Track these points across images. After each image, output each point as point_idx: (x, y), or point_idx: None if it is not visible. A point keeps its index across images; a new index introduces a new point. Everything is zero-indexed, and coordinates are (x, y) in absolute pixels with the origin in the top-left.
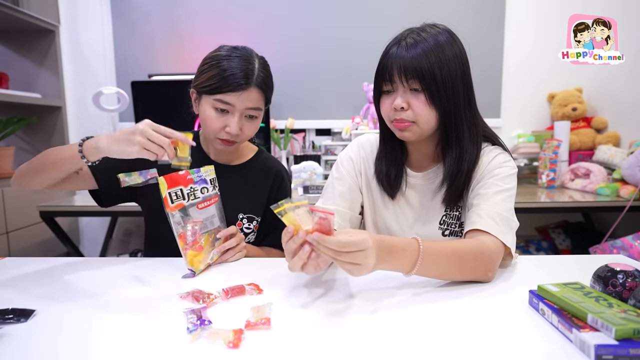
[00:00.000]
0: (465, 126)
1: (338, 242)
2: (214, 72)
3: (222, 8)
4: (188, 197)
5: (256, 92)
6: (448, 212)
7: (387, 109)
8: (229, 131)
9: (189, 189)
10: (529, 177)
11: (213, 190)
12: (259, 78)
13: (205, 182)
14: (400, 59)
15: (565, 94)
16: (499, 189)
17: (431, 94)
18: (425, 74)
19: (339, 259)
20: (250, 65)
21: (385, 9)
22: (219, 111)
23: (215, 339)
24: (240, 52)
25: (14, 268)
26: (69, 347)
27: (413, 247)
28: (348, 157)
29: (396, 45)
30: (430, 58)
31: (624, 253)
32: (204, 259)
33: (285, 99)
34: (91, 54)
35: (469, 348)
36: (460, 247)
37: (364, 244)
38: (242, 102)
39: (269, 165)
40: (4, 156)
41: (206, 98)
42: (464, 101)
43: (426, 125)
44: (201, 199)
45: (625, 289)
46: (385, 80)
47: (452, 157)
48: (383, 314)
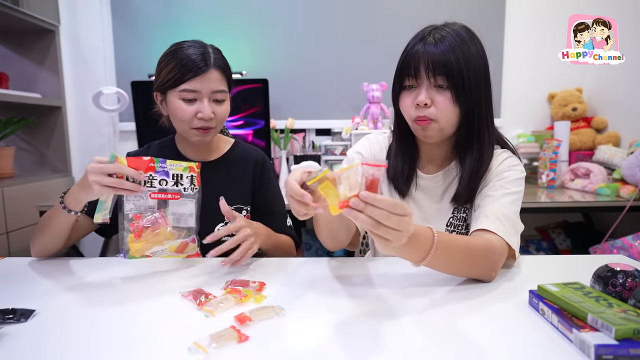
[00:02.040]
0: (485, 126)
1: (390, 201)
2: (172, 65)
3: (222, 8)
4: (144, 183)
5: (217, 73)
6: (455, 213)
7: (409, 105)
8: (201, 116)
9: (148, 176)
10: (529, 177)
11: (174, 186)
12: (216, 60)
13: (167, 175)
14: (428, 55)
15: (565, 94)
16: (506, 191)
17: (457, 91)
18: (453, 70)
19: (385, 223)
20: (204, 49)
21: (386, 9)
22: (187, 101)
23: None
24: (192, 42)
25: (14, 268)
26: (69, 347)
27: (428, 234)
28: (358, 152)
29: (421, 42)
30: (458, 54)
31: (624, 253)
32: (141, 249)
33: (285, 99)
34: (91, 54)
35: (469, 348)
36: (471, 243)
37: (407, 208)
38: (206, 85)
39: (246, 154)
40: (4, 156)
41: (171, 93)
42: (485, 100)
43: (447, 124)
44: (157, 190)
45: (625, 289)
46: (409, 75)
47: (472, 158)
48: (383, 313)
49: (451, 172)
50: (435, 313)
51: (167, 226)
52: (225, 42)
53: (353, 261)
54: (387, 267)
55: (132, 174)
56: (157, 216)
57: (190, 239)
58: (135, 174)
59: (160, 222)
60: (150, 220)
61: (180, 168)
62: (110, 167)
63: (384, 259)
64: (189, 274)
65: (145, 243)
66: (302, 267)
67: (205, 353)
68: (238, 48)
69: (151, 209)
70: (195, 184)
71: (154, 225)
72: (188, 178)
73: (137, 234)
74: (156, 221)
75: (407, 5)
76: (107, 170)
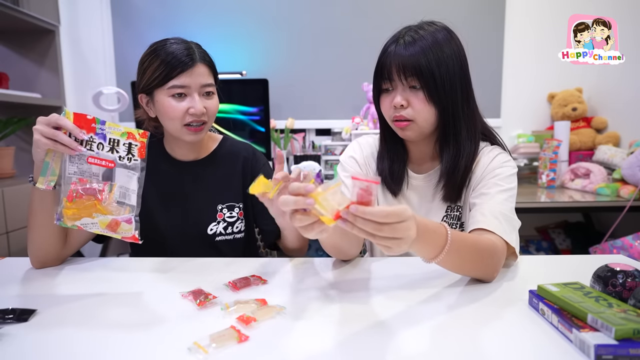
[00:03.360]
0: (462, 123)
1: (380, 212)
2: (157, 63)
3: (222, 8)
4: (84, 144)
5: (203, 67)
6: (448, 212)
7: (387, 107)
8: (193, 112)
9: (89, 137)
10: (529, 177)
11: (110, 153)
12: (200, 54)
13: (104, 139)
14: (399, 57)
15: (565, 94)
16: (501, 188)
17: (430, 91)
18: (423, 71)
19: (379, 234)
20: (187, 45)
21: (386, 9)
22: (177, 97)
23: (225, 341)
24: (173, 39)
25: (14, 268)
26: (69, 347)
27: (442, 231)
28: (350, 157)
29: (394, 44)
30: (429, 55)
31: (624, 253)
32: (72, 217)
33: (285, 99)
34: (91, 54)
35: (469, 348)
36: (480, 242)
37: (405, 213)
38: (194, 79)
39: (235, 150)
40: (4, 156)
41: (159, 91)
42: (462, 98)
43: (425, 123)
44: (94, 154)
45: (625, 289)
46: (384, 78)
47: (449, 154)
48: (382, 313)
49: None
50: (435, 313)
51: (101, 200)
52: (225, 42)
53: (353, 261)
54: (387, 267)
55: (72, 128)
56: (98, 187)
57: (125, 219)
58: (75, 130)
59: (95, 193)
60: (87, 189)
61: (117, 132)
62: (53, 118)
63: (384, 259)
64: (189, 274)
65: (76, 210)
66: (303, 267)
67: (205, 353)
68: (238, 48)
69: (96, 178)
70: (134, 154)
71: (87, 194)
72: (125, 145)
73: (69, 197)
74: (93, 191)
75: (407, 5)
76: (50, 122)
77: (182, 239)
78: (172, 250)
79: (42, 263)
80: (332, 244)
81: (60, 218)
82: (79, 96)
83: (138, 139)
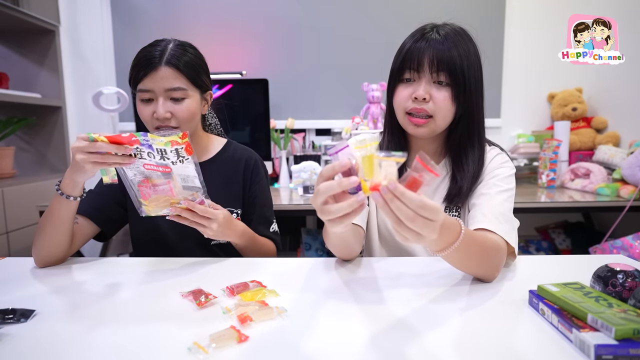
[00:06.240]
0: (482, 127)
1: (418, 200)
2: (132, 65)
3: (222, 8)
4: (134, 155)
5: (169, 70)
6: (447, 212)
7: (404, 98)
8: (157, 116)
9: (135, 149)
10: (529, 177)
11: (161, 160)
12: (170, 56)
13: (151, 148)
14: (434, 49)
15: (565, 94)
16: (500, 189)
17: (457, 89)
18: (457, 68)
19: (408, 224)
20: (160, 47)
21: (385, 9)
22: (145, 101)
23: (225, 341)
24: (156, 41)
25: (14, 268)
26: (69, 347)
27: (456, 228)
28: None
29: (423, 37)
30: (462, 54)
31: (624, 253)
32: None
33: (285, 99)
34: (91, 54)
35: (469, 348)
36: (487, 240)
37: (438, 214)
38: (157, 83)
39: (238, 155)
40: (4, 156)
41: (137, 95)
42: (479, 103)
43: (443, 121)
44: (148, 161)
45: (625, 289)
46: (411, 68)
47: (473, 157)
48: (382, 313)
49: (442, 170)
50: (435, 313)
51: (174, 196)
52: (225, 42)
53: (354, 262)
54: (387, 267)
55: (116, 149)
56: (165, 189)
57: (199, 201)
58: (121, 148)
59: (166, 193)
60: (157, 191)
61: (161, 143)
62: (93, 147)
63: (384, 259)
64: (188, 274)
65: (156, 204)
66: (303, 267)
67: (205, 353)
68: (238, 48)
69: (156, 174)
70: (183, 155)
71: (159, 193)
72: (173, 152)
73: (144, 197)
74: (163, 192)
75: (407, 5)
76: (90, 150)
77: (181, 240)
78: (172, 251)
79: (46, 263)
80: (343, 239)
81: (144, 212)
82: (79, 96)
83: (181, 142)
